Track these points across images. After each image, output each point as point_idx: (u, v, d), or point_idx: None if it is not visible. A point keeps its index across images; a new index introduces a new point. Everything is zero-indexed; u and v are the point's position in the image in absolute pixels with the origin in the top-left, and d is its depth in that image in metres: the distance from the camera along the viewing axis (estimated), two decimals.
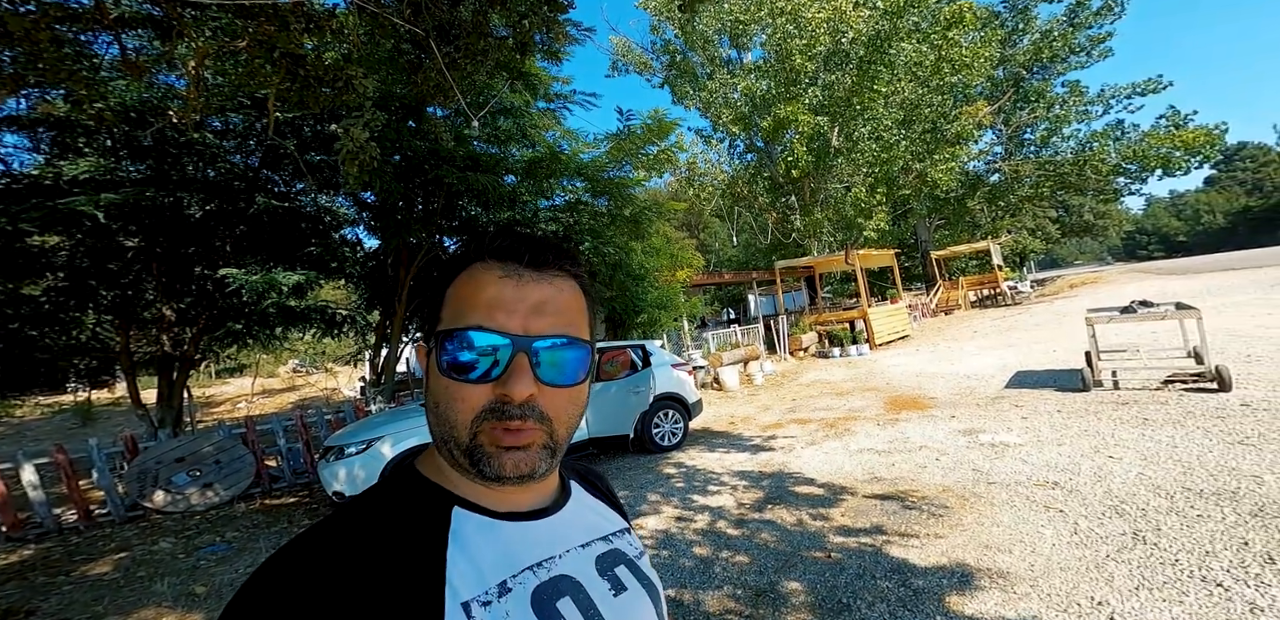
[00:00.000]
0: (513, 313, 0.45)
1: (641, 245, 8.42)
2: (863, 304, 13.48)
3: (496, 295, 0.45)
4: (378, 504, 0.46)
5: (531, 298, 0.45)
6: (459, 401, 0.44)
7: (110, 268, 6.37)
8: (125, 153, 6.11)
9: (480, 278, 0.46)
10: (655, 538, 3.54)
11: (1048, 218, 31.09)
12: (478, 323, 0.44)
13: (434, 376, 0.46)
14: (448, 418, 0.44)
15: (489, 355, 0.44)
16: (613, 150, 7.05)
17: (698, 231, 17.99)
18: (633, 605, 0.51)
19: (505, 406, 0.44)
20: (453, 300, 0.47)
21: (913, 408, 6.46)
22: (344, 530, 0.43)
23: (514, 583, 0.44)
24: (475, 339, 0.44)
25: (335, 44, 3.67)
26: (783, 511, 3.72)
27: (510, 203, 6.56)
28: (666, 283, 9.69)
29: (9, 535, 4.81)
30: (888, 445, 5.01)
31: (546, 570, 0.47)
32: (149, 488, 5.11)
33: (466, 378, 0.44)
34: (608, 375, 5.66)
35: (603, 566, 0.52)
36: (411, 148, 5.44)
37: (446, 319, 0.46)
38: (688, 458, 5.39)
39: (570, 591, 0.47)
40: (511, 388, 0.43)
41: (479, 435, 0.44)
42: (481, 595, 0.42)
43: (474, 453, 0.44)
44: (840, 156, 14.39)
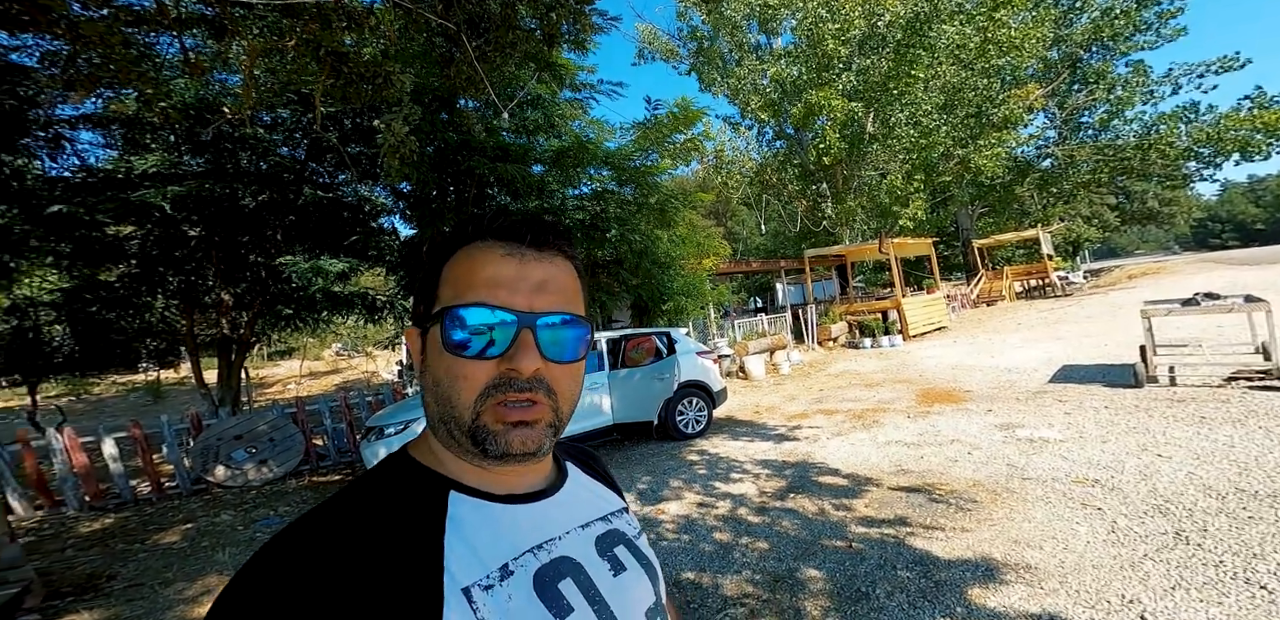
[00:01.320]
0: (516, 290, 0.45)
1: (668, 233, 8.41)
2: (896, 294, 13.09)
3: (499, 273, 0.45)
4: (371, 491, 0.45)
5: (534, 276, 0.46)
6: (462, 379, 0.44)
7: (176, 255, 6.84)
8: (187, 148, 6.50)
9: (481, 256, 0.46)
10: (676, 522, 3.61)
11: (1105, 204, 29.19)
12: (481, 299, 0.44)
13: (434, 356, 0.45)
14: (450, 397, 0.44)
15: (493, 331, 0.43)
16: (639, 139, 7.03)
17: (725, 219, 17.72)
18: (632, 584, 0.51)
19: (513, 380, 0.44)
20: (451, 279, 0.46)
21: (946, 401, 6.28)
22: (338, 519, 0.42)
23: (515, 565, 0.44)
24: (481, 315, 0.43)
25: (373, 40, 3.79)
26: (805, 500, 3.72)
27: (538, 192, 6.66)
28: (692, 271, 9.65)
29: (91, 504, 5.25)
30: (917, 438, 4.91)
31: (547, 552, 0.47)
32: (211, 463, 5.50)
33: (471, 354, 0.43)
34: (633, 362, 5.72)
35: (602, 547, 0.52)
36: (444, 139, 5.60)
37: (445, 298, 0.45)
38: (711, 445, 5.42)
39: (571, 572, 0.47)
40: (519, 362, 0.43)
41: (483, 414, 0.44)
42: (483, 579, 0.42)
43: (478, 432, 0.44)
44: (875, 143, 13.89)
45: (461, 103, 6.12)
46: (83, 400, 14.61)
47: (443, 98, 5.68)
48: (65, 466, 5.18)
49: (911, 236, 14.53)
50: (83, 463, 5.29)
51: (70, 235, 6.23)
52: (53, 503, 5.28)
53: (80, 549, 4.24)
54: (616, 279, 7.28)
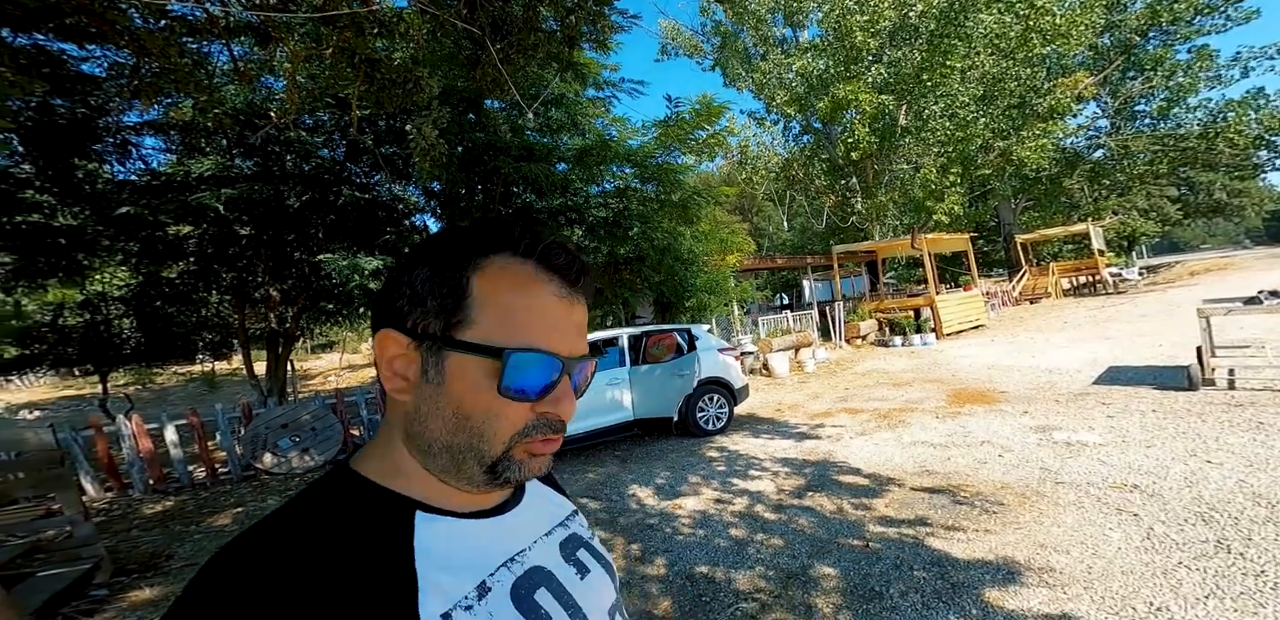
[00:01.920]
0: (564, 335, 0.44)
1: (690, 230, 8.39)
2: (930, 290, 12.67)
3: (555, 318, 0.43)
4: (320, 516, 0.40)
5: (575, 320, 0.45)
6: (503, 419, 0.42)
7: (229, 253, 7.28)
8: (238, 151, 6.90)
9: (535, 290, 0.43)
10: (693, 518, 3.64)
11: (1165, 197, 27.37)
12: (541, 347, 0.42)
13: (467, 387, 0.41)
14: (482, 432, 0.42)
15: (544, 376, 0.42)
16: (661, 136, 7.05)
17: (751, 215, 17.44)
18: (597, 585, 0.52)
19: (551, 422, 0.44)
20: (493, 305, 0.42)
21: (979, 401, 6.07)
22: (282, 549, 0.37)
23: (492, 581, 0.43)
24: (543, 364, 0.42)
25: (403, 45, 3.95)
26: (823, 499, 3.69)
27: (562, 190, 6.77)
28: (716, 267, 9.60)
29: (154, 487, 5.64)
30: (945, 439, 4.77)
31: (520, 564, 0.46)
32: (259, 450, 5.82)
33: (521, 397, 0.42)
34: (653, 358, 5.76)
35: (566, 552, 0.52)
36: (472, 140, 5.77)
37: (490, 328, 0.41)
38: (731, 442, 5.41)
39: (544, 581, 0.47)
40: (563, 408, 0.44)
41: (513, 449, 0.43)
42: (461, 601, 0.40)
43: (501, 464, 0.43)
44: (908, 136, 13.44)
45: (488, 103, 6.28)
46: (148, 389, 15.64)
47: (470, 99, 5.85)
48: (132, 451, 5.57)
49: (947, 232, 14.01)
50: (148, 448, 5.66)
51: (136, 235, 6.71)
52: (121, 485, 5.68)
53: (144, 529, 4.57)
54: (639, 275, 7.33)
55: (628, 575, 2.94)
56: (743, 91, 15.08)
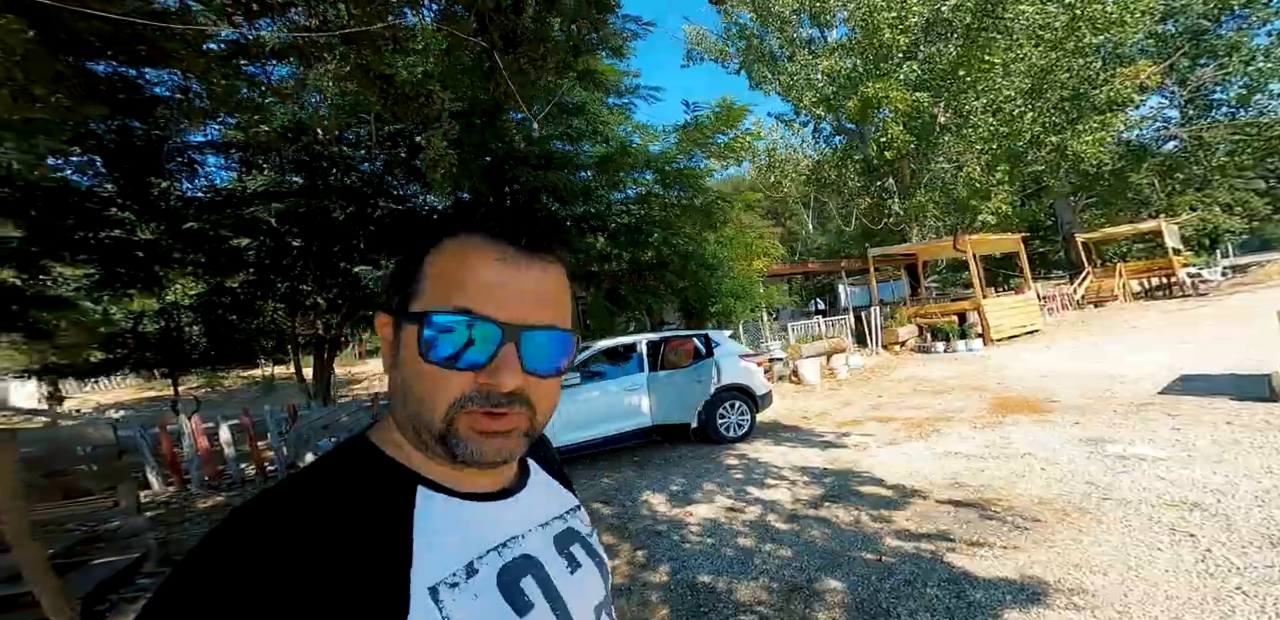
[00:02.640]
0: (505, 300, 0.42)
1: (714, 235, 8.29)
2: (976, 294, 11.99)
3: (489, 279, 0.42)
4: (335, 479, 0.43)
5: (525, 285, 0.43)
6: (437, 387, 0.41)
7: (283, 263, 7.77)
8: (290, 167, 7.38)
9: (470, 256, 0.43)
10: (702, 525, 3.54)
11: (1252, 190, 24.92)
12: (467, 307, 0.41)
13: (408, 356, 0.42)
14: (422, 401, 0.42)
15: (476, 343, 0.41)
16: (681, 141, 7.04)
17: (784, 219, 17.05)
18: (587, 581, 0.52)
19: (490, 394, 0.42)
20: (435, 275, 0.43)
21: (1025, 410, 5.66)
22: (300, 505, 0.39)
23: (480, 564, 0.43)
24: (463, 324, 0.41)
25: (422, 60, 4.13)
26: (839, 510, 3.51)
27: (585, 197, 6.87)
28: (742, 272, 9.44)
29: (209, 483, 6.00)
30: (982, 450, 4.46)
31: (510, 550, 0.47)
32: (302, 450, 6.10)
33: (450, 365, 0.41)
34: (672, 364, 5.69)
35: (560, 545, 0.52)
36: (492, 150, 5.96)
37: (427, 296, 0.43)
38: (752, 450, 5.25)
39: (532, 570, 0.47)
40: (500, 378, 0.41)
41: (456, 421, 0.42)
42: (449, 577, 0.41)
43: (449, 438, 0.42)
44: (948, 133, 12.86)
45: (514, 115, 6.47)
46: (216, 391, 16.73)
47: (489, 110, 6.06)
48: (191, 449, 5.96)
49: (994, 232, 13.26)
50: (204, 446, 6.04)
51: (202, 247, 7.27)
52: (181, 481, 6.09)
53: (194, 523, 4.86)
54: (662, 281, 7.31)
55: (630, 581, 2.88)
56: (770, 94, 14.89)
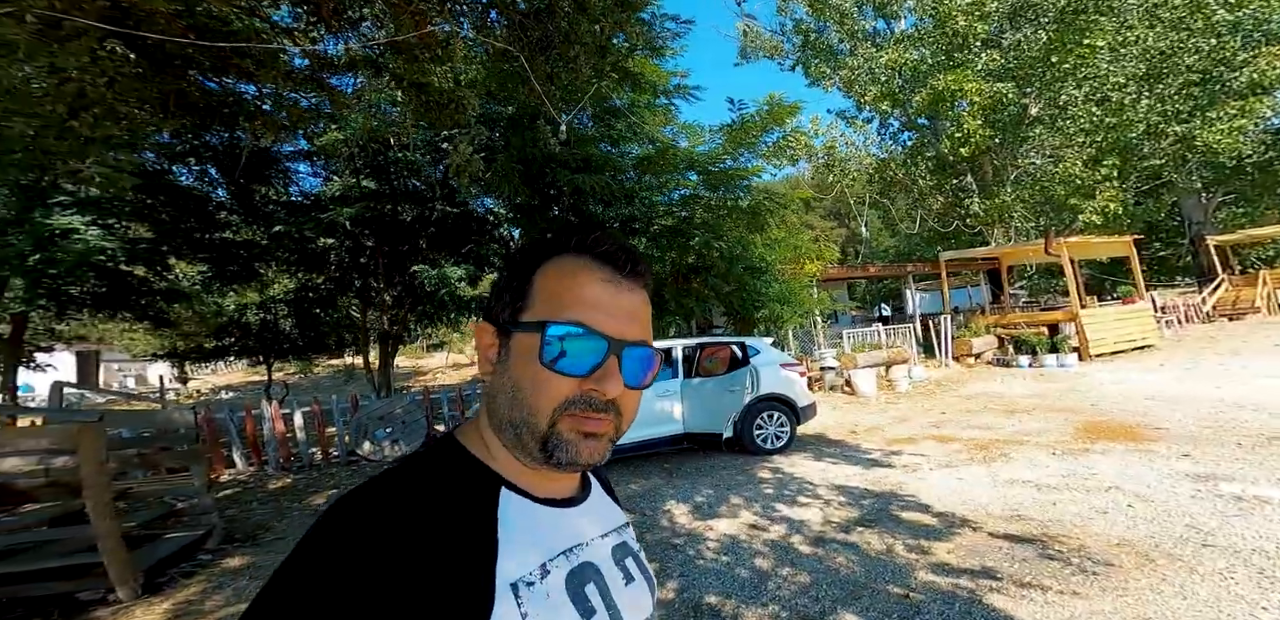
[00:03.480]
0: (611, 316, 0.47)
1: (761, 237, 7.96)
2: (1073, 303, 10.65)
3: (599, 297, 0.47)
4: (428, 477, 0.46)
5: (626, 305, 0.48)
6: (547, 391, 0.45)
7: (360, 262, 8.43)
8: (366, 172, 8.01)
9: (581, 276, 0.48)
10: (720, 542, 3.34)
11: None
12: (582, 320, 0.45)
13: (519, 361, 0.46)
14: (530, 404, 0.45)
15: (587, 353, 0.45)
16: (727, 141, 6.84)
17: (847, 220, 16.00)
18: (639, 595, 0.54)
19: (593, 400, 0.46)
20: (549, 290, 0.47)
21: (1120, 437, 4.90)
22: (399, 500, 0.43)
23: (552, 566, 0.46)
24: (580, 335, 0.45)
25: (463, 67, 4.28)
26: (872, 536, 3.18)
27: (628, 199, 6.86)
28: (792, 276, 8.97)
29: (282, 465, 6.55)
30: (1057, 479, 3.90)
31: (576, 556, 0.49)
32: (361, 439, 6.52)
33: (564, 370, 0.45)
34: (706, 371, 5.50)
35: (617, 557, 0.54)
36: (532, 154, 6.10)
37: (540, 308, 0.47)
38: (788, 464, 4.94)
39: (594, 578, 0.49)
40: (606, 386, 0.45)
41: (559, 423, 0.45)
42: (527, 576, 0.43)
43: (550, 439, 0.45)
44: (1039, 126, 11.56)
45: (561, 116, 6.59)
46: (307, 378, 18.38)
47: (531, 115, 6.23)
48: (270, 433, 6.55)
49: (1099, 234, 11.74)
50: (280, 431, 6.60)
51: (291, 247, 8.04)
52: (260, 461, 6.70)
53: (261, 503, 5.28)
54: (706, 285, 7.11)
55: None
56: (829, 90, 14.13)
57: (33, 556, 3.07)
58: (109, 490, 3.24)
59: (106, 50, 3.30)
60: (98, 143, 3.35)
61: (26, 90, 3.35)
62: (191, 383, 17.21)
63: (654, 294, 6.78)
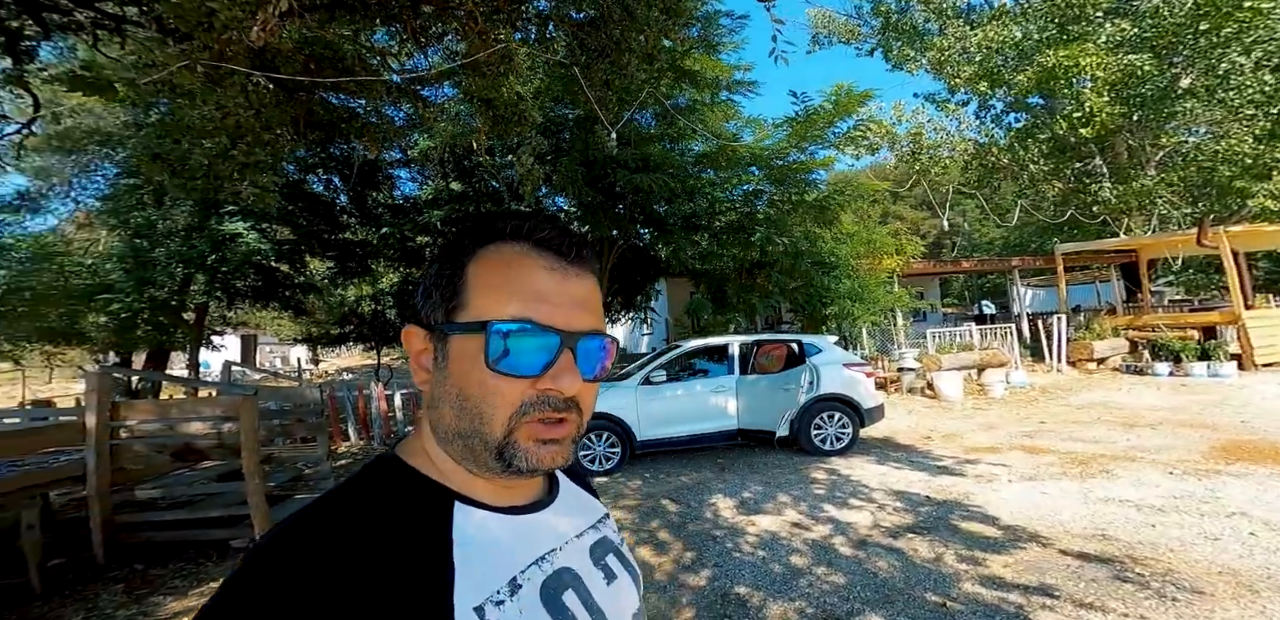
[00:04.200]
0: (559, 307, 0.43)
1: (831, 232, 7.56)
2: (1235, 302, 8.91)
3: (544, 287, 0.43)
4: (367, 501, 0.41)
5: (573, 293, 0.44)
6: (499, 396, 0.41)
7: None
8: (454, 175, 8.84)
9: (521, 266, 0.43)
10: (760, 537, 3.34)
11: None
12: (527, 316, 0.42)
13: (461, 366, 0.42)
14: (481, 412, 0.41)
15: (538, 351, 0.41)
16: (791, 135, 6.60)
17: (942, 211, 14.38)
18: (623, 592, 0.51)
19: (552, 399, 0.42)
20: (486, 285, 0.43)
21: (1267, 459, 4.12)
22: (334, 531, 0.38)
23: (523, 579, 0.43)
24: (527, 332, 0.41)
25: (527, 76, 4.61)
26: (921, 543, 3.00)
27: (689, 196, 6.88)
28: (868, 272, 8.39)
29: (385, 440, 7.42)
30: (1166, 501, 3.39)
31: (550, 563, 0.46)
32: None
33: (515, 371, 0.41)
34: (762, 368, 5.41)
35: (595, 556, 0.51)
36: (591, 156, 6.35)
37: (478, 305, 0.42)
38: (846, 466, 4.72)
39: (573, 583, 0.46)
40: (562, 383, 0.42)
41: (515, 431, 0.42)
42: (494, 595, 0.40)
43: (507, 449, 0.42)
44: (1192, 99, 9.75)
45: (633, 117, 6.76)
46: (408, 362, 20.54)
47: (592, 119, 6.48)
48: (376, 411, 7.46)
49: (1273, 221, 9.70)
50: (384, 409, 7.50)
51: (395, 246, 9.09)
52: (368, 436, 7.66)
53: None
54: (770, 281, 6.92)
55: (669, 580, 2.88)
56: (915, 73, 12.85)
57: (204, 506, 3.70)
58: (258, 454, 3.88)
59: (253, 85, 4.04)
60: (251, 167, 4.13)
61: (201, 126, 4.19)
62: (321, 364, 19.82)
63: (715, 289, 6.70)
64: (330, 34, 4.41)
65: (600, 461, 5.02)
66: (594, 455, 5.01)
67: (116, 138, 7.75)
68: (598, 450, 5.02)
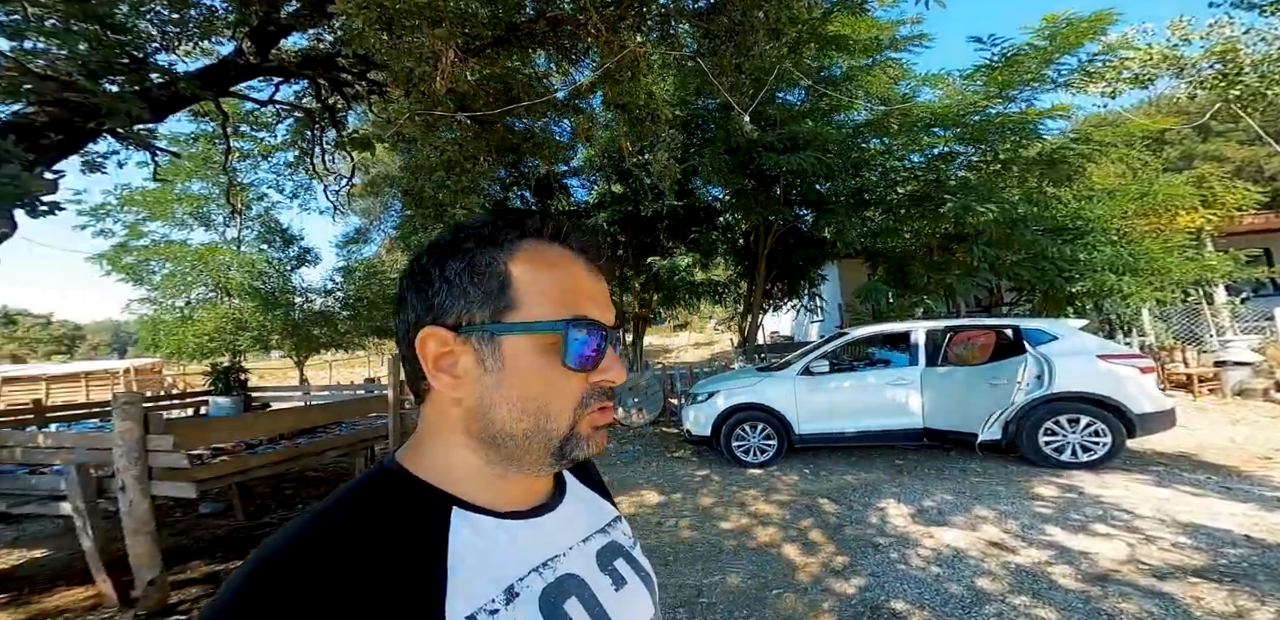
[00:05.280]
0: (601, 306, 0.46)
1: (1073, 189, 5.61)
2: None
3: (590, 288, 0.45)
4: (363, 510, 0.41)
5: (605, 292, 0.48)
6: (568, 393, 0.42)
7: (616, 254, 10.12)
8: (615, 178, 9.55)
9: (569, 268, 0.45)
10: (938, 552, 2.66)
11: None
12: (591, 314, 0.44)
13: (524, 367, 0.42)
14: (549, 410, 0.42)
15: (594, 346, 0.43)
16: (989, 83, 5.16)
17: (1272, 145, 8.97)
18: (633, 599, 0.50)
19: (605, 390, 0.45)
20: (539, 286, 0.43)
21: None
22: (329, 539, 0.38)
23: (521, 586, 0.42)
24: (592, 330, 0.43)
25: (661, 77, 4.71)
26: (1214, 592, 1.98)
27: (854, 171, 5.95)
28: (1150, 233, 5.95)
29: None
30: None
31: (552, 570, 0.45)
32: (617, 406, 7.74)
33: (584, 366, 0.43)
34: (959, 359, 4.35)
35: (603, 561, 0.50)
36: (735, 143, 5.98)
37: (535, 306, 0.42)
38: (1098, 484, 3.42)
39: (576, 591, 0.45)
40: (615, 374, 0.44)
41: (579, 423, 0.43)
42: (488, 604, 0.39)
43: (569, 441, 0.43)
44: None
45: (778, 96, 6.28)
46: None
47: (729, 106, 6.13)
48: None
49: None
50: None
51: None
52: None
53: None
54: (973, 255, 5.47)
55: (811, 582, 2.51)
56: None
57: None
58: None
59: (456, 124, 5.01)
60: (461, 192, 5.14)
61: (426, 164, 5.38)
62: None
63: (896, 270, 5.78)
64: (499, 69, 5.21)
65: (755, 453, 4.69)
66: (748, 446, 4.71)
67: (396, 180, 10.47)
68: (752, 441, 4.70)
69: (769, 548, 2.93)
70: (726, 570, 2.70)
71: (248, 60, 4.51)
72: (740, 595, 2.44)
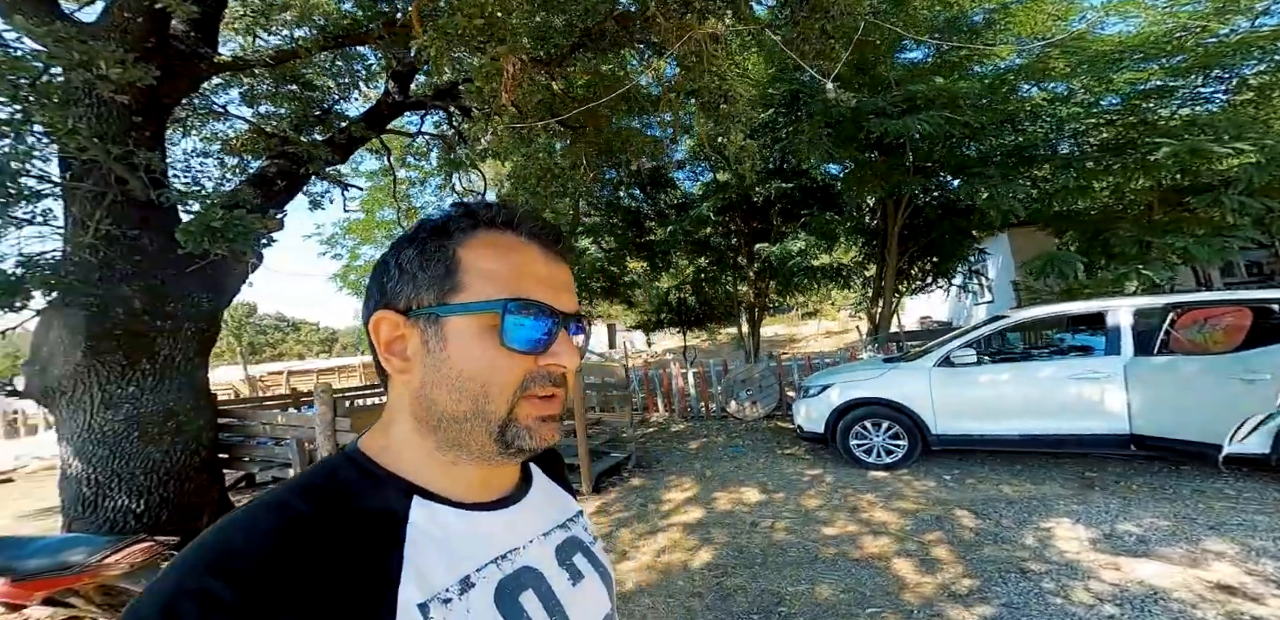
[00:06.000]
0: (554, 291, 0.45)
1: None
2: None
3: (541, 272, 0.45)
4: (321, 495, 0.40)
5: (561, 278, 0.47)
6: (507, 372, 0.42)
7: (731, 243, 9.74)
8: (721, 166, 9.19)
9: (519, 251, 0.45)
10: (1124, 589, 2.02)
11: None
12: (535, 296, 0.43)
13: (465, 347, 0.42)
14: (486, 391, 0.42)
15: (540, 329, 0.43)
16: None
17: None
18: (590, 593, 0.50)
19: (552, 375, 0.44)
20: (485, 268, 0.43)
21: None
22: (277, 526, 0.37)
23: (477, 577, 0.42)
24: (540, 311, 0.43)
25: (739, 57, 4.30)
26: None
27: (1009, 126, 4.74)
28: None
29: (681, 414, 7.92)
30: None
31: (510, 562, 0.45)
32: (729, 398, 7.34)
33: (524, 348, 0.42)
34: (1189, 346, 3.23)
35: (562, 556, 0.50)
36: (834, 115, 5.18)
37: (479, 288, 0.43)
38: None
39: (532, 583, 0.45)
40: (564, 359, 0.44)
41: (517, 408, 0.43)
42: (442, 593, 0.39)
43: (509, 427, 0.43)
44: None
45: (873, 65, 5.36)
46: (713, 344, 21.27)
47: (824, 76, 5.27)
48: (675, 388, 8.25)
49: None
50: (680, 387, 8.20)
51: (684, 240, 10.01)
52: (669, 409, 8.47)
53: (663, 442, 6.67)
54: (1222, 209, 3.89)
55: (919, 603, 2.06)
56: None
57: None
58: (585, 417, 4.58)
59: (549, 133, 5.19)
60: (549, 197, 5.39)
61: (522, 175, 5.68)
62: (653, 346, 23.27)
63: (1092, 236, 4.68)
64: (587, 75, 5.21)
65: (879, 454, 4.07)
66: (871, 446, 4.11)
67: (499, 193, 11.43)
68: (875, 441, 4.09)
69: (875, 560, 2.51)
70: (818, 580, 2.35)
71: (394, 99, 5.21)
72: (827, 609, 2.10)
